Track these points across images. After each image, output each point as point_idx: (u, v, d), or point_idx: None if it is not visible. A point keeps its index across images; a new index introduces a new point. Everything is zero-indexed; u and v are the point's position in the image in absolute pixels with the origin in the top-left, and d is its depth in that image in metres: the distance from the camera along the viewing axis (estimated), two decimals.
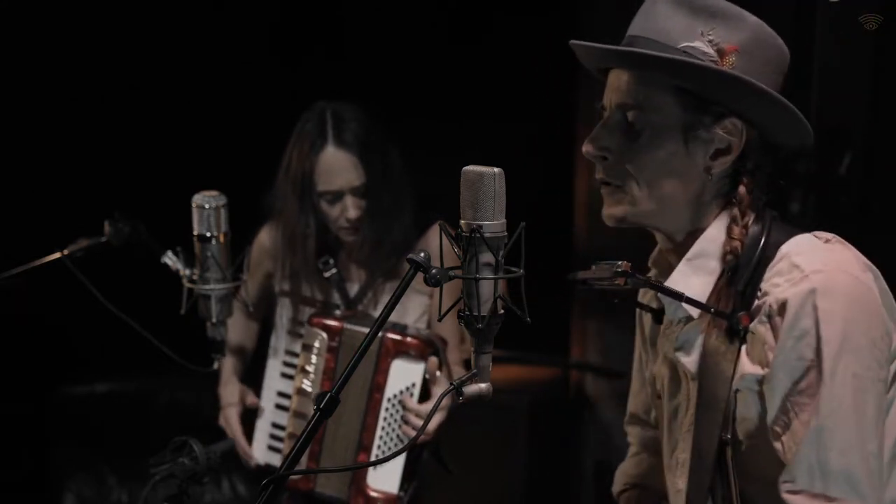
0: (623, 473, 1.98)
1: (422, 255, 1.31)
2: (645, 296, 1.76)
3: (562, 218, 4.15)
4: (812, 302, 1.39)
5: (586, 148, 1.54)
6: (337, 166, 2.46)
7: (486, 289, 1.30)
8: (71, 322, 3.25)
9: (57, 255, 2.28)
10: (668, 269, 1.60)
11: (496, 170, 1.29)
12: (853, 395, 1.38)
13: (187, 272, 2.17)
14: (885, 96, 2.68)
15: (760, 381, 1.45)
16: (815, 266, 1.42)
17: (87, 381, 3.76)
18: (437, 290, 2.38)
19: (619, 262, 1.50)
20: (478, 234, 1.28)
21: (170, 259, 2.22)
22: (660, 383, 1.71)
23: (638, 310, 1.81)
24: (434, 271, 1.30)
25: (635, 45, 1.50)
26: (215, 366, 2.23)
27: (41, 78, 3.51)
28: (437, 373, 2.43)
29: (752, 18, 1.49)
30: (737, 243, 1.50)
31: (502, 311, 1.32)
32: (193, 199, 2.12)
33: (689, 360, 1.55)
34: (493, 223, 1.28)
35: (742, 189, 1.51)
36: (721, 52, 1.45)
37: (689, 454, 1.54)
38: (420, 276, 1.32)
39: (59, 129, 3.55)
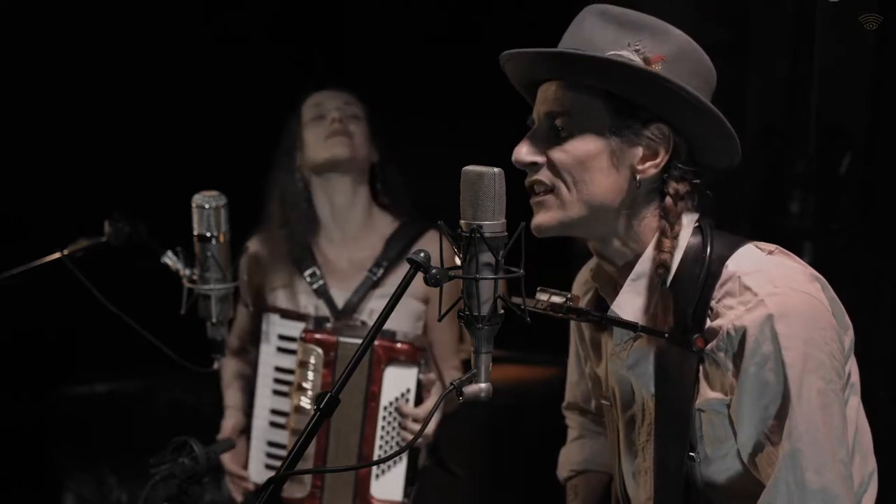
0: (567, 460, 2.08)
1: (422, 255, 1.31)
2: (584, 297, 1.76)
3: None
4: (770, 327, 1.41)
5: (515, 157, 1.54)
6: (329, 93, 2.56)
7: (486, 289, 1.30)
8: (71, 322, 3.25)
9: (57, 255, 2.28)
10: (609, 284, 1.62)
11: (496, 170, 1.29)
12: (821, 412, 1.41)
13: (187, 272, 2.17)
14: (885, 96, 2.68)
15: (727, 405, 1.46)
16: (767, 288, 1.43)
17: (87, 381, 3.76)
18: (430, 297, 2.40)
19: (568, 294, 1.51)
20: (478, 234, 1.28)
21: (170, 259, 2.22)
22: (605, 388, 1.73)
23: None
24: (434, 271, 1.30)
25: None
26: (215, 366, 2.24)
27: (41, 78, 3.50)
28: (430, 375, 2.43)
29: (679, 32, 1.52)
30: (666, 255, 1.51)
31: (502, 311, 1.32)
32: (193, 199, 2.12)
33: (644, 379, 1.56)
34: (493, 223, 1.29)
35: (668, 200, 1.52)
36: (647, 61, 1.47)
37: (652, 465, 1.56)
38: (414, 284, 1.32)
39: (58, 129, 3.54)
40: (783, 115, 2.90)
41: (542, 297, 1.53)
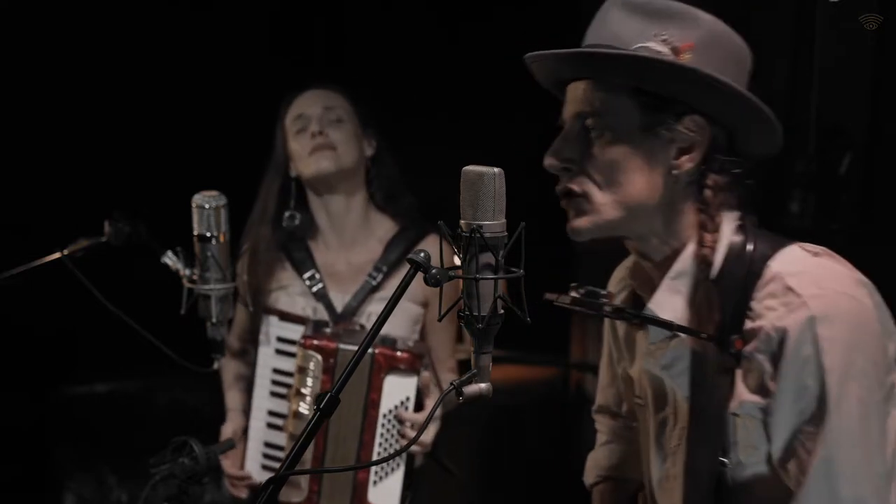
0: (595, 465, 1.97)
1: (422, 255, 1.31)
2: (619, 295, 1.73)
3: (562, 218, 4.15)
4: (812, 330, 1.36)
5: (548, 161, 1.51)
6: (312, 95, 2.54)
7: (486, 289, 1.30)
8: (71, 322, 3.25)
9: (57, 255, 2.28)
10: (647, 281, 1.57)
11: (496, 170, 1.29)
12: (859, 422, 1.36)
13: (187, 272, 2.17)
14: (885, 96, 2.68)
15: (763, 409, 1.42)
16: (811, 290, 1.39)
17: (87, 381, 3.76)
18: (429, 301, 2.39)
19: (603, 292, 1.48)
20: (478, 234, 1.28)
21: (170, 259, 2.21)
22: (639, 389, 1.68)
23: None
24: (434, 271, 1.30)
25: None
26: (215, 366, 2.23)
27: (41, 78, 3.50)
28: (426, 374, 2.43)
29: (707, 16, 1.45)
30: (707, 250, 1.46)
31: (502, 311, 1.32)
32: (193, 200, 2.12)
33: (679, 380, 1.52)
34: (493, 223, 1.28)
35: (708, 192, 1.47)
36: (676, 51, 1.42)
37: (682, 470, 1.52)
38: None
39: (58, 129, 3.55)
40: (783, 115, 2.90)
41: (576, 294, 1.50)
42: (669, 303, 1.50)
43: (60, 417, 3.73)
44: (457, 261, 1.33)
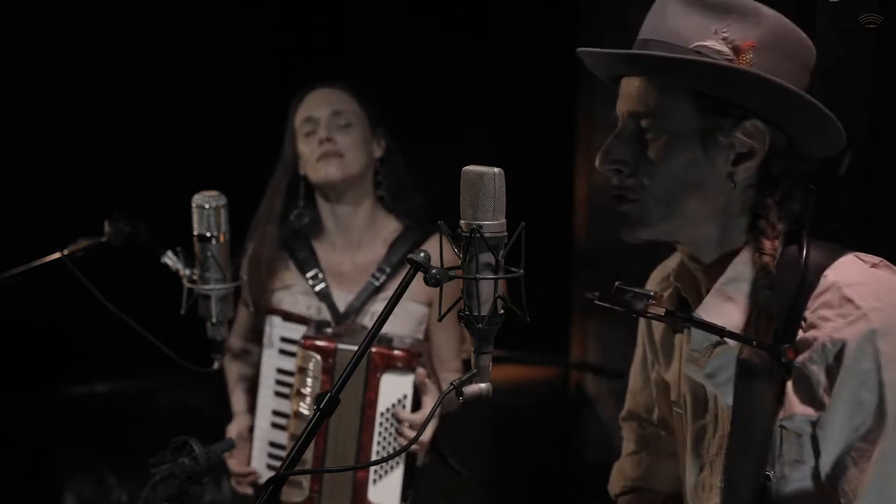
0: (621, 474, 1.89)
1: (422, 255, 1.31)
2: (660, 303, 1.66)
3: (562, 218, 4.16)
4: (872, 343, 1.31)
5: (599, 161, 1.45)
6: (321, 96, 2.52)
7: (486, 289, 1.29)
8: (71, 322, 3.25)
9: (57, 255, 2.28)
10: (692, 284, 1.53)
11: (496, 170, 1.28)
12: None
13: (187, 272, 2.17)
14: (885, 96, 2.68)
15: (814, 422, 1.36)
16: (871, 302, 1.33)
17: (87, 381, 3.76)
18: (433, 300, 2.38)
19: (651, 293, 1.40)
20: (478, 234, 1.27)
21: (170, 259, 2.21)
22: (676, 394, 1.63)
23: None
24: (434, 271, 1.30)
25: (646, 48, 1.42)
26: (215, 366, 2.23)
27: (41, 78, 3.51)
28: (427, 381, 2.43)
29: (770, 12, 1.39)
30: (768, 258, 1.40)
31: (502, 311, 1.32)
32: (193, 199, 2.12)
33: (724, 388, 1.46)
34: (493, 223, 1.28)
35: (768, 198, 1.42)
36: (736, 50, 1.36)
37: (720, 481, 1.48)
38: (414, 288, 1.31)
39: (58, 129, 3.55)
40: None
41: (627, 296, 1.41)
42: (720, 309, 1.44)
43: (60, 417, 3.73)
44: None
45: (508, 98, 3.82)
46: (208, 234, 2.11)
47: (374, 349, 2.37)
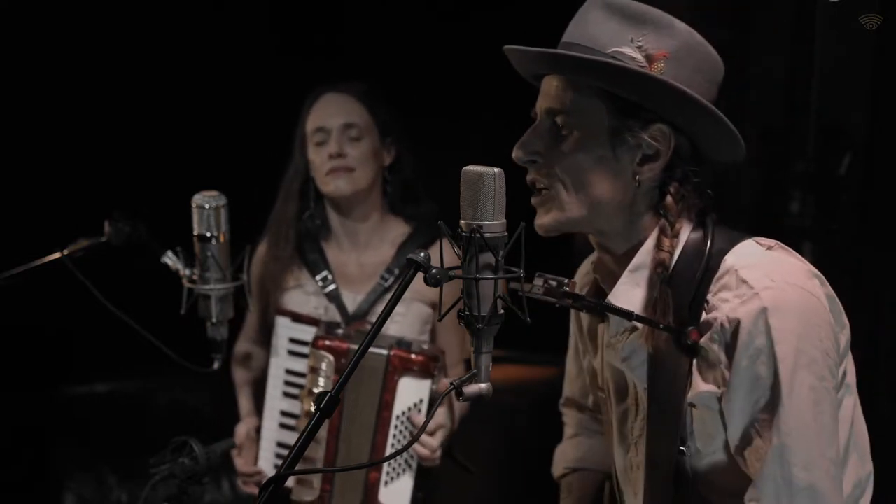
0: (563, 457, 2.06)
1: (422, 255, 1.32)
2: (583, 288, 1.76)
3: None
4: (764, 320, 1.40)
5: (516, 153, 1.54)
6: (333, 104, 2.52)
7: (486, 289, 1.30)
8: (71, 322, 3.25)
9: (57, 255, 2.28)
10: (609, 275, 1.61)
11: (496, 170, 1.29)
12: (811, 409, 1.40)
13: (187, 272, 2.17)
14: (885, 96, 2.68)
15: (719, 398, 1.45)
16: (763, 282, 1.42)
17: (87, 381, 3.75)
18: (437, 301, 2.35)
19: (566, 280, 1.51)
20: (478, 234, 1.28)
21: (170, 259, 2.22)
22: (602, 381, 1.72)
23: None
24: (434, 271, 1.30)
25: (568, 50, 1.51)
26: (215, 366, 2.23)
27: (41, 77, 3.50)
28: (444, 381, 2.43)
29: (684, 27, 1.50)
30: (665, 255, 1.50)
31: (502, 311, 1.32)
32: (193, 199, 2.12)
33: (638, 372, 1.56)
34: (493, 223, 1.29)
35: (669, 199, 1.52)
36: (650, 58, 1.46)
37: (644, 460, 1.56)
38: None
39: (58, 129, 3.54)
40: (783, 115, 2.91)
41: (539, 282, 1.53)
42: (628, 295, 1.53)
43: (60, 417, 3.73)
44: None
45: (508, 97, 3.82)
46: (208, 234, 2.11)
47: (392, 352, 2.38)
